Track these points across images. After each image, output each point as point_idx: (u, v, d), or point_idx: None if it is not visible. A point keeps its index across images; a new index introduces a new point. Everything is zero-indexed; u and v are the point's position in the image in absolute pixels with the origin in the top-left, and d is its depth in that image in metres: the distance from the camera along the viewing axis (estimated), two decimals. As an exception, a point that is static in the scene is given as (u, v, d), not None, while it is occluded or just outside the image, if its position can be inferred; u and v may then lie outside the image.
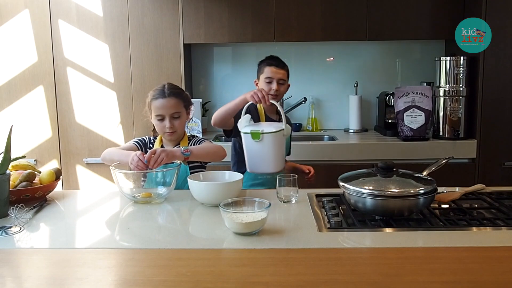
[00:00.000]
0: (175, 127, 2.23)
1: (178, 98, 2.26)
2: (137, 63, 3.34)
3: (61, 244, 1.57)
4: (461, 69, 3.19)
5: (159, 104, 2.23)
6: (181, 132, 2.30)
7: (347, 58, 3.76)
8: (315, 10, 3.32)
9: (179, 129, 2.26)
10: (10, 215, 1.63)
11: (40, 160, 3.40)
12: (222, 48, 3.77)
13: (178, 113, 2.24)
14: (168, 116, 2.22)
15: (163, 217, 1.83)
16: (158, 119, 2.24)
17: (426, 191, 1.62)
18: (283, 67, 2.61)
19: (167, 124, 2.21)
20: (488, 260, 1.33)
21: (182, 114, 2.26)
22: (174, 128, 2.23)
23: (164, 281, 1.21)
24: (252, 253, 1.39)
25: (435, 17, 3.33)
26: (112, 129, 3.40)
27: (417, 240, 1.49)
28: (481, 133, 3.18)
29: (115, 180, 1.91)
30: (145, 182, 2.03)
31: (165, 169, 1.97)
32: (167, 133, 2.24)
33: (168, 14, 3.31)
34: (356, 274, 1.26)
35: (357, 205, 1.68)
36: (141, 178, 2.00)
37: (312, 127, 3.70)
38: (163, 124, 2.22)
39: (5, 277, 1.28)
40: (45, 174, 1.95)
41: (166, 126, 2.22)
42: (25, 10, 3.30)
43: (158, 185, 1.97)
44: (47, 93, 3.36)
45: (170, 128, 2.21)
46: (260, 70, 2.64)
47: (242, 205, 1.60)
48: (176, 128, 2.24)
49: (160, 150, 1.96)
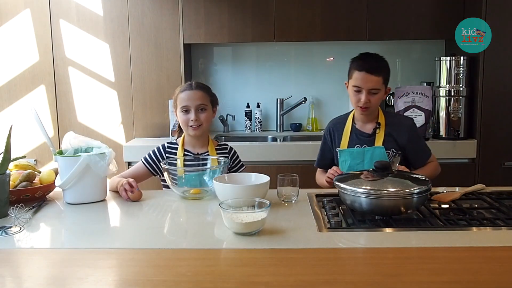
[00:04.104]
0: (201, 120, 2.14)
1: (204, 92, 2.20)
2: (137, 63, 3.34)
3: (61, 244, 1.57)
4: (461, 69, 3.19)
5: (185, 95, 2.16)
6: (206, 128, 2.20)
7: (347, 58, 3.71)
8: (315, 10, 3.32)
9: (204, 123, 2.16)
10: (10, 215, 1.63)
11: (40, 160, 3.40)
12: (222, 48, 3.77)
13: (204, 106, 2.16)
14: (194, 107, 2.14)
15: (163, 217, 1.83)
16: (183, 110, 2.15)
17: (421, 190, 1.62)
18: (378, 72, 2.11)
19: (192, 116, 2.13)
20: (488, 260, 1.33)
21: (208, 109, 2.18)
22: (199, 121, 2.14)
23: (164, 281, 1.21)
24: (252, 253, 1.38)
25: (435, 17, 3.33)
26: (113, 128, 3.40)
27: (417, 240, 1.49)
28: (481, 133, 3.18)
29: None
30: (185, 181, 2.01)
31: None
32: (192, 128, 2.14)
33: (168, 14, 3.30)
34: (356, 274, 1.26)
35: (353, 205, 1.68)
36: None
37: (312, 127, 3.70)
38: (188, 117, 2.14)
39: (5, 277, 1.28)
40: (45, 174, 1.95)
41: (191, 118, 2.13)
42: (26, 10, 3.30)
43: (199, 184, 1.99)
44: (47, 93, 3.36)
45: (195, 121, 2.13)
46: (349, 72, 2.20)
47: (242, 205, 1.60)
48: (202, 121, 2.15)
49: None
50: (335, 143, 2.29)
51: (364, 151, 2.17)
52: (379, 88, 2.12)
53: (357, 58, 2.20)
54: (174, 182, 1.98)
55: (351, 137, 2.24)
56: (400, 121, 2.30)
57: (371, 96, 2.11)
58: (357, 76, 2.12)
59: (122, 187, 1.92)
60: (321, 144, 2.38)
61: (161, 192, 2.14)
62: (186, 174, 2.00)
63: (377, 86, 2.11)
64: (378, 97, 2.13)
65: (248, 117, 3.67)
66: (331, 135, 2.32)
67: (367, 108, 2.13)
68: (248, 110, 3.67)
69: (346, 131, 2.26)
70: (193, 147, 2.22)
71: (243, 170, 2.27)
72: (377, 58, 2.19)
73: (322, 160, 2.37)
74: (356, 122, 2.26)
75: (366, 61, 2.15)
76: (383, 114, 2.23)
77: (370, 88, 2.10)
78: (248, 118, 3.67)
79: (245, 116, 3.67)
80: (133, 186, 1.90)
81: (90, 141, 1.98)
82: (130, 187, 1.90)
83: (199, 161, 2.18)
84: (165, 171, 1.98)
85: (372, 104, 2.13)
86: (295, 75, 3.76)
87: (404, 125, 2.24)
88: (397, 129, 2.20)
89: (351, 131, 2.25)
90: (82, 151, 1.94)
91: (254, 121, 3.67)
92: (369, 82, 2.10)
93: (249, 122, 3.67)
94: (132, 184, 1.91)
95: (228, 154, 2.26)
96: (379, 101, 2.17)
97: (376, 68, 2.12)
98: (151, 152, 2.24)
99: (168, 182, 1.99)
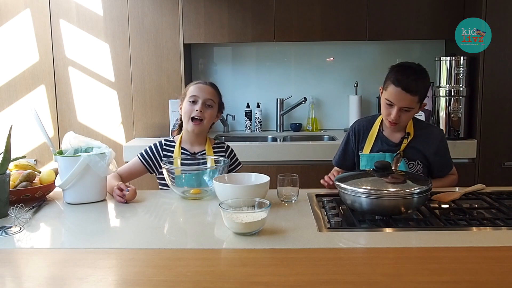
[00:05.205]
0: (204, 115, 2.14)
1: (216, 91, 2.21)
2: (137, 63, 3.35)
3: (61, 244, 1.57)
4: (461, 69, 3.19)
5: (197, 87, 2.17)
6: (206, 126, 2.20)
7: (347, 58, 3.76)
8: (315, 10, 3.32)
9: (206, 120, 2.16)
10: (10, 215, 1.63)
11: (40, 160, 3.40)
12: (222, 48, 3.77)
13: (212, 102, 2.17)
14: (202, 100, 2.13)
15: (163, 217, 1.83)
16: (190, 100, 2.14)
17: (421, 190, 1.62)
18: (415, 92, 1.98)
19: (197, 107, 2.12)
20: (488, 260, 1.33)
21: (214, 107, 2.18)
22: (203, 115, 2.14)
23: (164, 281, 1.21)
24: (252, 253, 1.38)
25: (435, 17, 3.33)
26: (113, 128, 3.40)
27: (417, 240, 1.49)
28: (481, 133, 3.18)
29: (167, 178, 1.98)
30: (184, 180, 2.00)
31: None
32: (193, 121, 2.13)
33: (168, 14, 3.31)
34: (356, 274, 1.26)
35: (353, 205, 1.68)
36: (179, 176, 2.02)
37: (312, 127, 3.70)
38: (193, 108, 2.13)
39: (5, 277, 1.28)
40: (45, 174, 1.95)
41: (196, 108, 2.12)
42: (26, 10, 3.30)
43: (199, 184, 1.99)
44: (47, 93, 3.36)
45: (199, 112, 2.12)
46: (385, 82, 2.08)
47: (242, 205, 1.60)
48: (205, 116, 2.15)
49: None
50: (359, 145, 2.22)
51: (385, 156, 2.09)
52: (413, 107, 2.02)
53: (396, 70, 2.04)
54: (174, 182, 1.98)
55: (376, 142, 2.17)
56: (430, 132, 2.19)
57: (402, 113, 2.01)
58: (391, 90, 2.00)
59: (115, 193, 1.91)
60: (343, 144, 2.29)
61: (161, 192, 2.14)
62: (186, 174, 1.99)
63: (411, 105, 2.00)
64: (410, 114, 2.05)
65: (248, 117, 3.67)
66: (356, 136, 2.24)
67: (396, 123, 2.05)
68: (248, 110, 3.67)
69: (371, 136, 2.18)
70: (190, 145, 2.22)
71: (240, 168, 2.27)
72: (417, 74, 2.03)
73: (343, 160, 2.27)
74: (384, 129, 2.18)
75: (405, 76, 1.99)
76: (413, 124, 2.14)
77: (403, 106, 2.00)
78: (248, 118, 3.67)
79: (245, 116, 3.67)
80: (123, 189, 1.89)
81: (90, 141, 1.98)
82: (120, 191, 1.89)
83: (196, 160, 2.18)
84: (165, 170, 1.98)
85: (402, 121, 2.05)
86: (295, 75, 3.76)
87: (433, 137, 2.16)
88: (425, 141, 2.14)
89: (376, 137, 2.17)
90: (82, 151, 1.93)
91: (254, 121, 3.68)
92: (403, 100, 1.98)
93: (249, 122, 3.67)
94: (121, 188, 1.90)
95: (225, 153, 2.26)
96: (410, 118, 2.09)
97: (414, 87, 1.98)
98: (147, 148, 2.23)
99: (168, 182, 1.99)
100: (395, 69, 2.06)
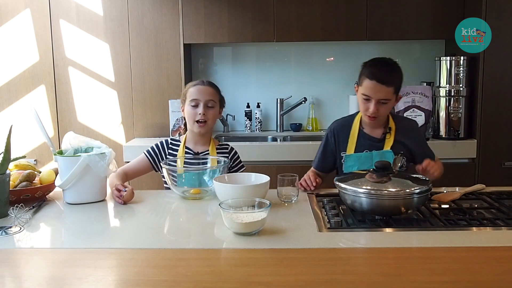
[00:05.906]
0: (208, 116, 2.15)
1: (215, 89, 2.22)
2: (137, 63, 3.35)
3: (61, 244, 1.57)
4: (461, 69, 3.19)
5: (196, 89, 2.17)
6: (211, 126, 2.20)
7: (347, 58, 3.75)
8: (315, 10, 3.32)
9: (210, 121, 2.17)
10: (10, 215, 1.63)
11: (40, 160, 3.40)
12: (222, 48, 3.77)
13: (213, 102, 2.17)
14: (203, 102, 2.14)
15: (163, 217, 1.83)
16: (192, 105, 2.15)
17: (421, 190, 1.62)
18: (390, 83, 2.00)
19: (200, 110, 2.13)
20: (488, 260, 1.33)
21: (216, 106, 2.19)
22: (207, 117, 2.14)
23: (164, 281, 1.21)
24: (252, 253, 1.39)
25: (435, 17, 3.33)
26: (113, 128, 3.40)
27: (417, 240, 1.49)
28: (481, 133, 3.18)
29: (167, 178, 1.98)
30: (185, 180, 2.00)
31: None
32: (198, 124, 2.14)
33: (168, 14, 3.30)
34: (356, 274, 1.26)
35: (353, 205, 1.68)
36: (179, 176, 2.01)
37: (312, 127, 3.70)
38: (196, 111, 2.14)
39: (5, 277, 1.28)
40: (45, 174, 1.95)
41: (198, 112, 2.13)
42: (26, 10, 3.30)
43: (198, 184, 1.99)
44: (47, 93, 3.36)
45: (202, 116, 2.13)
46: (360, 78, 2.09)
47: (242, 205, 1.60)
48: (209, 118, 2.15)
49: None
50: (339, 147, 2.21)
51: (372, 155, 2.09)
52: (390, 99, 2.03)
53: (369, 65, 2.08)
54: (174, 182, 1.98)
55: (358, 141, 2.15)
56: (408, 125, 2.23)
57: (380, 106, 2.02)
58: (367, 84, 2.01)
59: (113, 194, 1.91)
60: (322, 146, 2.27)
61: (161, 192, 2.14)
62: (185, 173, 2.00)
63: (387, 97, 2.02)
64: (387, 106, 2.06)
65: (248, 117, 3.67)
66: (335, 137, 2.23)
67: (375, 117, 2.07)
68: (248, 110, 3.67)
69: (352, 135, 2.17)
70: (194, 145, 2.23)
71: (244, 171, 2.27)
72: (390, 66, 2.07)
73: (323, 162, 2.25)
74: (364, 127, 2.18)
75: (378, 69, 2.03)
76: (392, 118, 2.17)
77: (380, 98, 2.01)
78: (248, 118, 3.67)
79: (245, 116, 3.67)
80: (120, 190, 1.89)
81: (90, 141, 1.98)
82: (118, 192, 1.89)
83: (198, 160, 2.18)
84: (165, 170, 1.98)
85: (380, 114, 2.06)
86: (295, 75, 3.76)
87: (412, 129, 2.21)
88: (407, 133, 2.16)
89: (358, 135, 2.17)
90: (82, 151, 1.94)
91: (254, 121, 3.67)
92: (379, 92, 2.00)
93: (249, 122, 3.67)
94: (119, 188, 1.90)
95: (229, 154, 2.26)
96: (388, 111, 2.10)
97: (388, 78, 2.01)
98: (154, 145, 2.25)
99: (168, 182, 1.99)
100: (368, 64, 2.09)
